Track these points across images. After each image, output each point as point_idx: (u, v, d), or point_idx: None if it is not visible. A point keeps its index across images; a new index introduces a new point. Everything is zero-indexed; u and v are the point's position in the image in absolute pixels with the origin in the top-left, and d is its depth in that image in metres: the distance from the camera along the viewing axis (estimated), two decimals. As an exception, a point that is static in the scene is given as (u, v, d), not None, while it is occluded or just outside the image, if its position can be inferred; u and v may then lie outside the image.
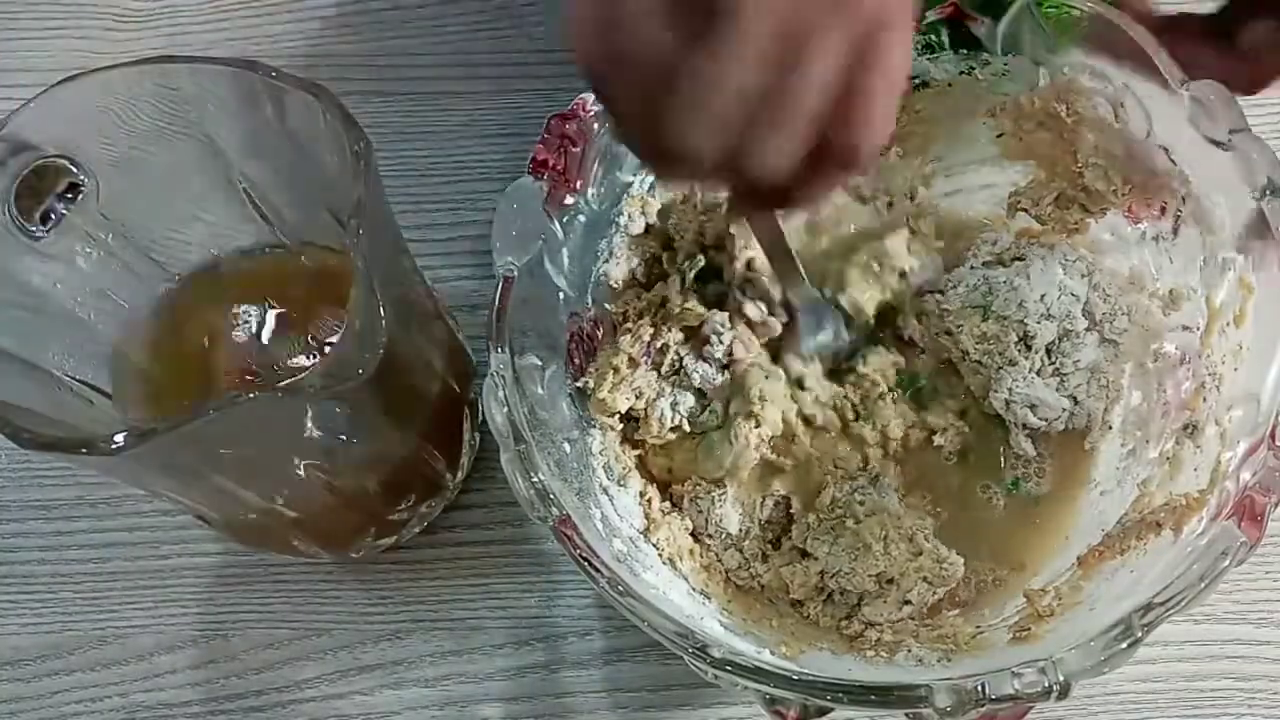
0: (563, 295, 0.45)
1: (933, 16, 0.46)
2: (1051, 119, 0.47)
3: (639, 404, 0.46)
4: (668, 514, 0.46)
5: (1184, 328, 0.45)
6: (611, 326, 0.48)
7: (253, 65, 0.38)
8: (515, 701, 0.49)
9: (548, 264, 0.43)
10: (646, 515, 0.46)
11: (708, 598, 0.44)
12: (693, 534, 0.47)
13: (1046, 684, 0.35)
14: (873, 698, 0.35)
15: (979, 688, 0.35)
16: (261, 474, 0.41)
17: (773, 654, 0.41)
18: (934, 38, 0.47)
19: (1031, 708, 0.36)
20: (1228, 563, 0.36)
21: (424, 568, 0.51)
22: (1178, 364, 0.45)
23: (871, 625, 0.44)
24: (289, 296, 0.45)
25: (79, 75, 0.38)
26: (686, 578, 0.44)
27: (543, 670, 0.49)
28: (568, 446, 0.43)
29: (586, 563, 0.37)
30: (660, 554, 0.44)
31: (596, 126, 0.43)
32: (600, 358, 0.46)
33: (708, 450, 0.46)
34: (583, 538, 0.38)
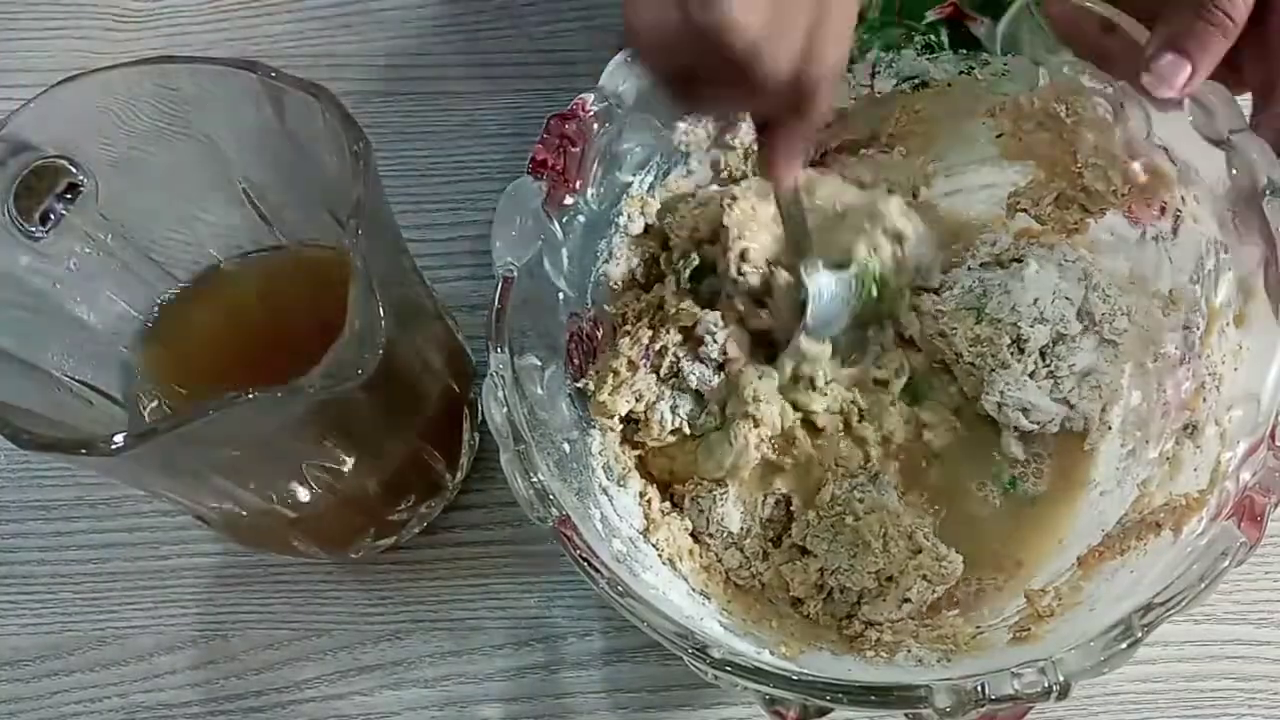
0: (562, 295, 0.45)
1: (933, 16, 0.46)
2: (1051, 119, 0.47)
3: (639, 407, 0.46)
4: (667, 514, 0.46)
5: (1184, 328, 0.45)
6: (611, 328, 0.47)
7: (252, 65, 0.38)
8: (515, 702, 0.49)
9: (547, 264, 0.43)
10: (646, 515, 0.46)
11: (707, 598, 0.44)
12: (692, 534, 0.47)
13: (1046, 684, 0.35)
14: (872, 698, 0.35)
15: (979, 688, 0.35)
16: (261, 474, 0.41)
17: (772, 654, 0.41)
18: (934, 38, 0.47)
19: (1031, 708, 0.36)
20: (1227, 563, 0.36)
21: (424, 568, 0.51)
22: (1177, 364, 0.45)
23: (871, 625, 0.44)
24: (288, 297, 0.45)
25: (78, 75, 0.38)
26: (686, 578, 0.44)
27: (542, 671, 0.49)
28: (567, 447, 0.43)
29: (586, 563, 0.37)
30: (660, 554, 0.44)
31: (596, 127, 0.43)
32: (600, 361, 0.46)
33: (708, 451, 0.46)
34: (582, 538, 0.38)
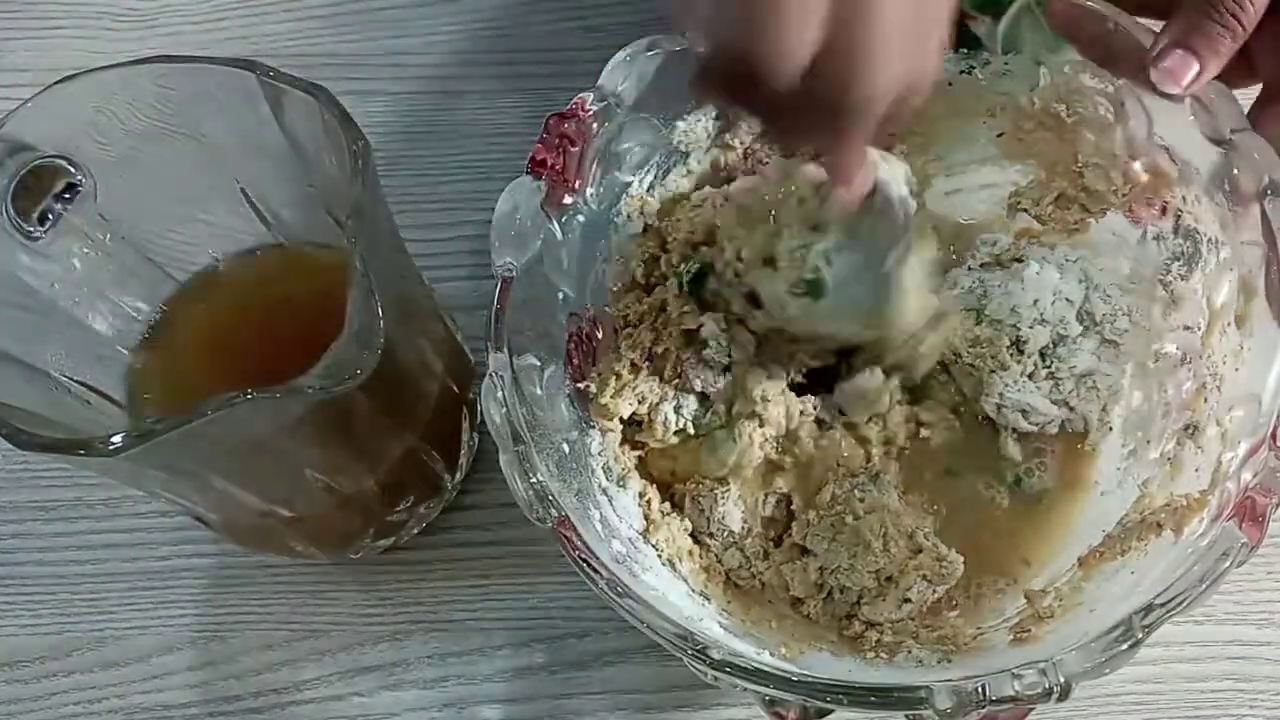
0: (561, 296, 0.44)
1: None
2: (1052, 119, 0.47)
3: (641, 409, 0.46)
4: (667, 515, 0.46)
5: (1185, 328, 0.45)
6: (613, 329, 0.47)
7: (251, 65, 0.38)
8: (514, 703, 0.49)
9: (547, 264, 0.43)
10: (646, 516, 0.46)
11: (707, 599, 0.44)
12: (692, 535, 0.47)
13: (1047, 685, 0.35)
14: (873, 699, 0.35)
15: (979, 689, 0.35)
16: (260, 475, 0.41)
17: (772, 655, 0.40)
18: (934, 37, 0.47)
19: (1032, 709, 0.36)
20: (1229, 564, 0.36)
21: (423, 569, 0.51)
22: (1179, 364, 0.45)
23: (872, 625, 0.44)
24: (288, 297, 0.45)
25: (77, 75, 0.38)
26: (686, 579, 0.44)
27: (542, 671, 0.49)
28: (566, 447, 0.42)
29: (585, 564, 0.37)
30: (660, 555, 0.44)
31: (595, 126, 0.43)
32: (602, 364, 0.46)
33: (711, 449, 0.46)
34: (582, 539, 0.38)
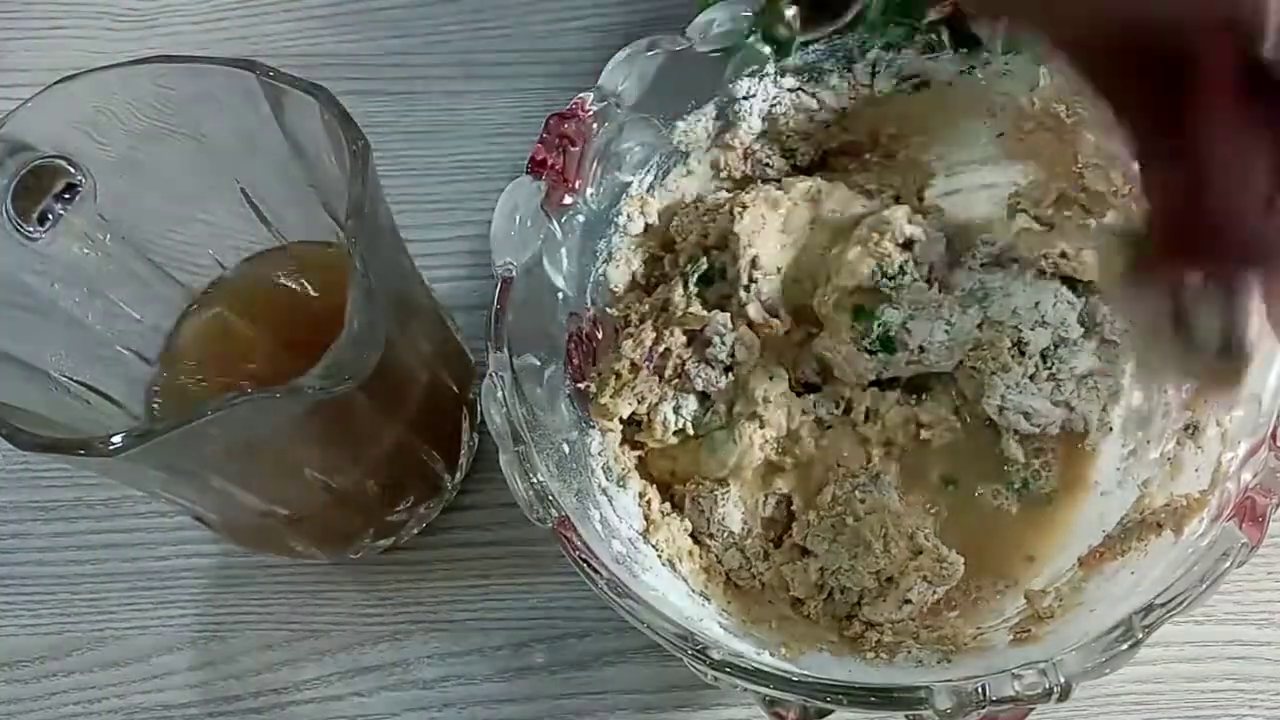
0: (562, 296, 0.44)
1: (933, 16, 0.46)
2: (1052, 119, 0.47)
3: (641, 409, 0.46)
4: (667, 515, 0.46)
5: (1185, 328, 0.45)
6: (613, 329, 0.47)
7: (250, 65, 0.38)
8: (514, 703, 0.48)
9: (546, 264, 0.43)
10: (646, 516, 0.45)
11: (707, 599, 0.44)
12: (692, 535, 0.46)
13: (1047, 685, 0.35)
14: (873, 699, 0.35)
15: (979, 689, 0.35)
16: (260, 475, 0.41)
17: (773, 655, 0.40)
18: (934, 38, 0.47)
19: (1032, 709, 0.36)
20: (1229, 564, 0.36)
21: (423, 569, 0.51)
22: (1179, 364, 0.45)
23: (872, 626, 0.44)
24: (286, 297, 0.45)
25: (76, 75, 0.38)
26: (686, 579, 0.44)
27: (542, 672, 0.49)
28: (566, 447, 0.42)
29: (585, 564, 0.37)
30: (660, 555, 0.44)
31: (595, 126, 0.43)
32: (602, 363, 0.46)
33: (711, 450, 0.46)
34: (582, 539, 0.38)
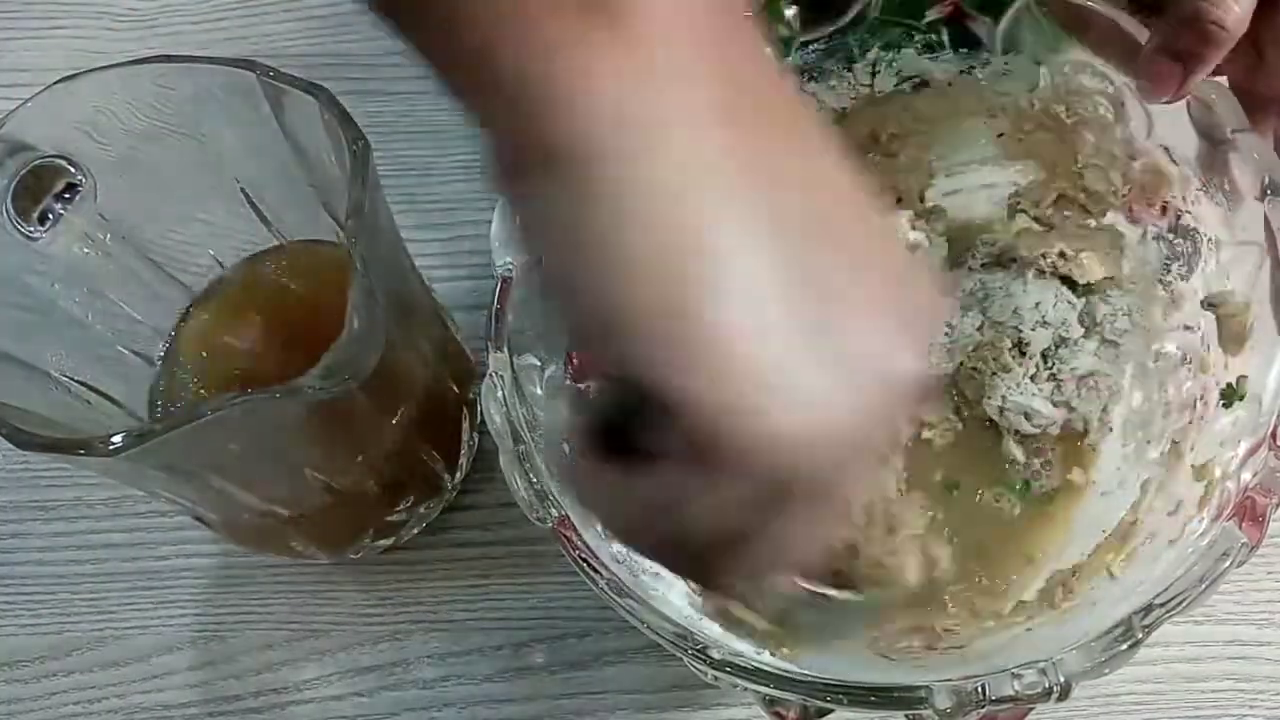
0: (562, 295, 0.44)
1: (933, 16, 0.46)
2: (1052, 119, 0.47)
3: (639, 407, 0.46)
4: (667, 515, 0.46)
5: (1185, 328, 0.45)
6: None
7: (250, 64, 0.38)
8: (514, 703, 0.48)
9: (547, 264, 0.43)
10: (646, 516, 0.45)
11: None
12: (692, 535, 0.46)
13: (1047, 685, 0.34)
14: (873, 699, 0.35)
15: (979, 689, 0.35)
16: (259, 475, 0.41)
17: (773, 655, 0.40)
18: (934, 38, 0.47)
19: (1032, 709, 0.36)
20: (1229, 564, 0.36)
21: (423, 569, 0.51)
22: (1179, 364, 0.45)
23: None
24: (287, 297, 0.45)
25: (76, 75, 0.38)
26: (686, 579, 0.44)
27: (542, 672, 0.49)
28: (566, 447, 0.42)
29: (585, 564, 0.37)
30: (660, 555, 0.44)
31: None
32: (601, 362, 0.46)
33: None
34: (582, 539, 0.37)
